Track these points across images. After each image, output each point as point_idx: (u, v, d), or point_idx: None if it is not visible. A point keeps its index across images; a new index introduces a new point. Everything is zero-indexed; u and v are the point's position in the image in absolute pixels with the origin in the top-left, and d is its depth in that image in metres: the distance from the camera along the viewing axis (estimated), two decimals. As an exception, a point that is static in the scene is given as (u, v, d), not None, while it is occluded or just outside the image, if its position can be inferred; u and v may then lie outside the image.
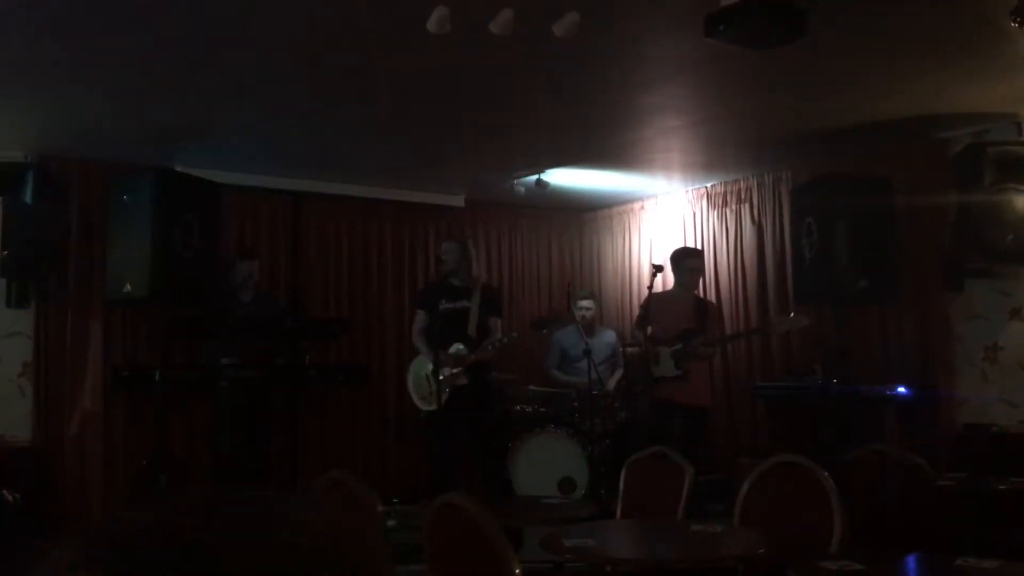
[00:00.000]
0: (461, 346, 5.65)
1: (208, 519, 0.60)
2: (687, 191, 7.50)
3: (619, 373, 6.82)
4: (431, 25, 3.52)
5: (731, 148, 6.21)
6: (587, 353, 6.20)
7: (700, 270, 6.14)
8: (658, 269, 5.84)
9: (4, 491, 5.11)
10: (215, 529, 0.59)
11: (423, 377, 5.73)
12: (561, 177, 6.89)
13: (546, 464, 6.07)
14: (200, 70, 4.47)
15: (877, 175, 5.95)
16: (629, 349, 6.29)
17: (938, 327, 5.75)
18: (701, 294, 6.73)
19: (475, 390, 5.59)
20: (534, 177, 6.77)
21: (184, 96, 4.89)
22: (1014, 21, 3.55)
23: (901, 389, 5.57)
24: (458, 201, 7.67)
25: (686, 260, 6.10)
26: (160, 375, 5.45)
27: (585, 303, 6.90)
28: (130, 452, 6.01)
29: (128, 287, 5.41)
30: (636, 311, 6.60)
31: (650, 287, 5.75)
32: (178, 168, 6.01)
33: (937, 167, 5.73)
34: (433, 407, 5.64)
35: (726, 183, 7.17)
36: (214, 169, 6.10)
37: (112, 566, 0.57)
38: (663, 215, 7.74)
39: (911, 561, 2.97)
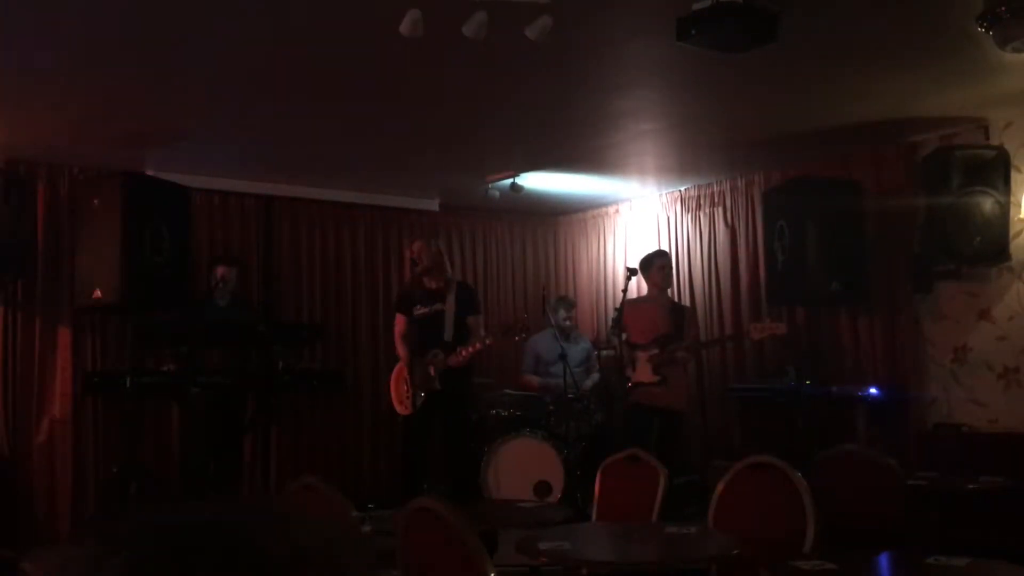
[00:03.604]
0: (438, 351, 5.64)
1: (248, 518, 0.69)
2: (661, 195, 7.54)
3: (594, 378, 6.83)
4: (404, 28, 3.51)
5: (704, 152, 6.24)
6: (562, 357, 6.22)
7: (669, 266, 6.15)
8: (632, 272, 5.85)
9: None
10: (255, 528, 0.69)
11: (402, 381, 5.75)
12: (535, 181, 6.90)
13: (521, 468, 6.06)
14: (170, 74, 4.42)
15: (847, 178, 6.02)
16: (604, 353, 6.30)
17: (908, 328, 5.81)
18: (676, 297, 6.76)
19: (449, 396, 5.57)
20: (508, 181, 6.76)
21: (154, 99, 4.83)
22: (980, 26, 3.60)
23: (872, 390, 5.63)
24: (432, 205, 7.65)
25: (654, 261, 6.11)
26: (131, 381, 5.38)
27: (565, 312, 7.01)
28: (100, 459, 5.94)
29: (98, 293, 5.34)
30: (611, 314, 6.61)
31: (624, 290, 5.76)
32: (148, 172, 5.94)
33: (906, 170, 5.81)
34: (408, 411, 5.66)
35: (699, 186, 7.22)
36: (184, 173, 6.04)
37: (164, 558, 0.66)
38: (637, 219, 7.77)
39: (883, 560, 3.00)
